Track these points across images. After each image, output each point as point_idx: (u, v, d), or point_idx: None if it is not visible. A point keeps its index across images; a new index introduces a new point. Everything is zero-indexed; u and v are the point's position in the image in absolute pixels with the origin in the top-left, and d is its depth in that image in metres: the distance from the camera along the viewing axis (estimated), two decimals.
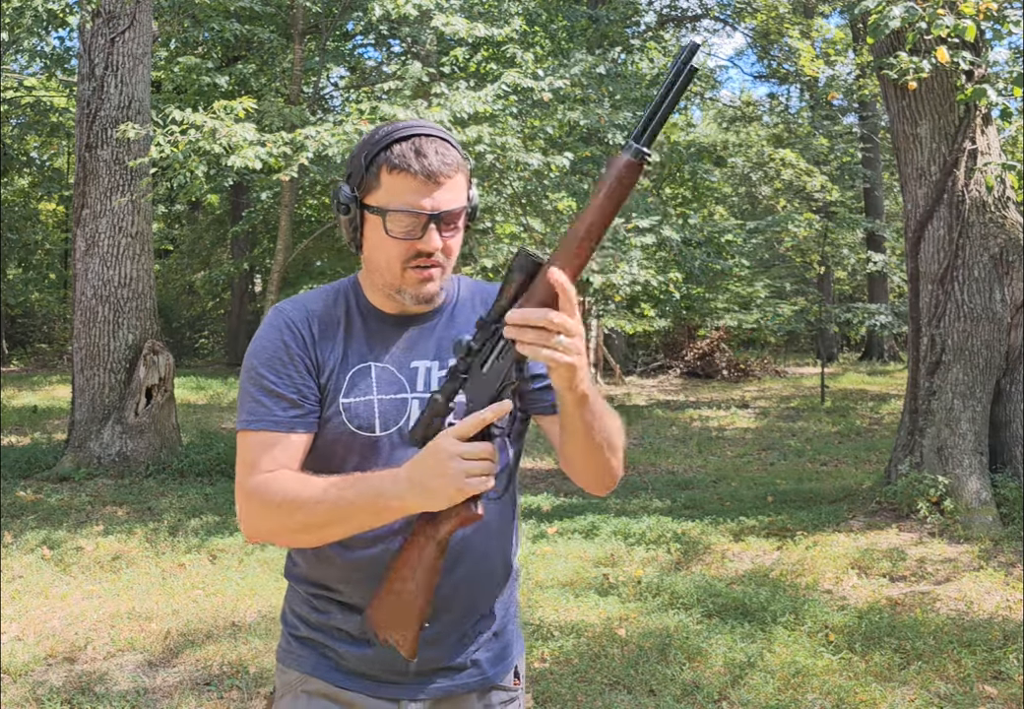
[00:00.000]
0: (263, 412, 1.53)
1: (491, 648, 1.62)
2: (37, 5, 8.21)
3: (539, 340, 1.29)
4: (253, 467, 1.51)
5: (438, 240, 1.49)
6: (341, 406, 1.54)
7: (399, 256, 1.50)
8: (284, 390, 1.52)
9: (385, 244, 1.50)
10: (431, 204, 1.47)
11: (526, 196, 10.11)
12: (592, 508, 6.85)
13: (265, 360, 1.55)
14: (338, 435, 1.54)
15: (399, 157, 1.47)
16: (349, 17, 11.46)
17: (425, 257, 1.50)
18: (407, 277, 1.52)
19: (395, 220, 1.48)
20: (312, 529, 1.46)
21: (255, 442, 1.53)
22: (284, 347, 1.54)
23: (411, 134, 1.49)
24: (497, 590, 1.63)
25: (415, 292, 1.53)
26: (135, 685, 3.83)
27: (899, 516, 6.05)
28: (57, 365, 20.92)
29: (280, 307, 1.60)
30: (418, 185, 1.46)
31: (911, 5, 5.47)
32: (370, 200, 1.50)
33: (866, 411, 13.16)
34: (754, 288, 17.27)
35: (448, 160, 1.48)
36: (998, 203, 6.23)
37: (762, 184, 20.05)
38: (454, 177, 1.49)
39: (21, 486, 7.72)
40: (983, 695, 3.62)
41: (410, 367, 1.57)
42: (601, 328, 17.22)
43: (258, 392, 1.53)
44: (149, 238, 8.92)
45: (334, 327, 1.58)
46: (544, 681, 3.77)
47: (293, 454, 1.52)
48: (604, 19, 13.95)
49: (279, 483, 1.48)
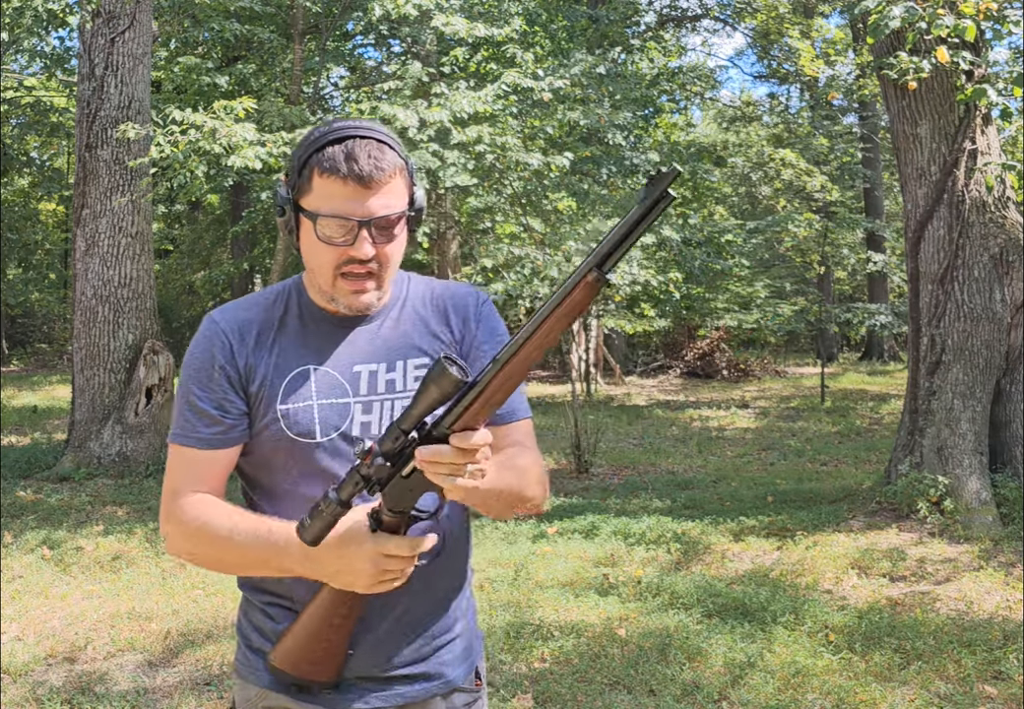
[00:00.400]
0: (188, 428, 1.52)
1: (452, 651, 1.59)
2: (37, 5, 8.21)
3: (451, 472, 1.27)
4: (175, 483, 1.52)
5: (369, 248, 1.44)
6: (279, 413, 1.49)
7: (330, 262, 1.46)
8: (207, 405, 1.50)
9: (317, 249, 1.46)
10: (362, 210, 1.42)
11: (526, 196, 10.11)
12: (592, 508, 6.85)
13: (192, 373, 1.53)
14: (277, 442, 1.50)
15: (330, 160, 1.41)
16: (349, 17, 11.46)
17: (357, 264, 1.45)
18: (339, 287, 1.48)
19: (326, 225, 1.43)
20: (224, 567, 1.53)
21: (179, 457, 1.53)
22: (211, 359, 1.51)
23: (345, 136, 1.43)
24: (454, 594, 1.61)
25: (347, 302, 1.49)
26: (135, 685, 3.83)
27: (899, 516, 6.05)
28: (57, 365, 20.92)
29: (211, 316, 1.57)
30: (349, 191, 1.41)
31: (911, 5, 5.47)
32: (304, 203, 1.46)
33: (866, 411, 13.16)
34: (754, 288, 17.27)
35: (383, 165, 1.42)
36: (998, 203, 6.23)
37: (762, 184, 20.05)
38: (389, 182, 1.44)
39: (21, 486, 7.72)
40: (983, 695, 3.62)
41: (352, 371, 1.52)
42: (601, 328, 17.22)
43: (185, 406, 1.53)
44: (149, 238, 8.92)
45: (269, 332, 1.53)
46: (544, 681, 3.77)
47: (216, 471, 1.52)
48: (604, 19, 13.95)
49: (197, 512, 1.48)
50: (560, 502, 7.19)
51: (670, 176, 1.18)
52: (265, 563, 1.45)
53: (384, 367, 1.54)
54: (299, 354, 1.52)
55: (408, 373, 1.54)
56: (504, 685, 3.74)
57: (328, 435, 1.50)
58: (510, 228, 13.27)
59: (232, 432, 1.51)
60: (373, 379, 1.53)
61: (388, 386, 1.53)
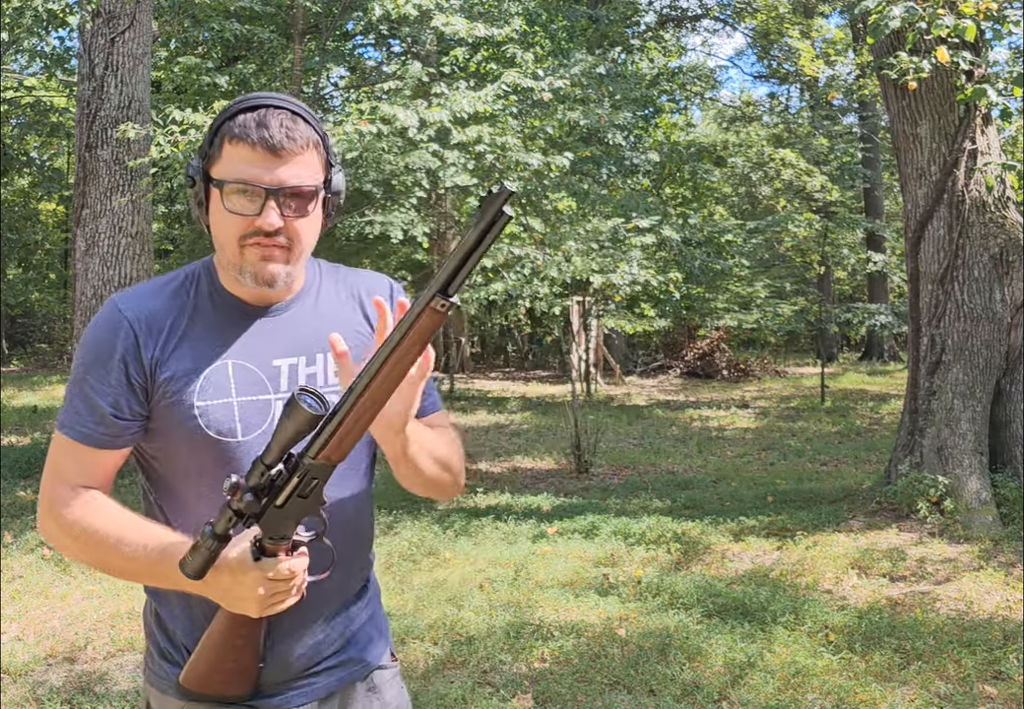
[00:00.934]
0: (76, 420, 1.43)
1: (368, 633, 1.58)
2: (37, 5, 8.21)
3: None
4: (57, 474, 1.45)
5: (275, 218, 1.37)
6: (196, 410, 1.42)
7: (236, 233, 1.40)
8: (101, 400, 1.42)
9: (223, 219, 1.40)
10: (269, 178, 1.36)
11: (526, 196, 10.11)
12: (592, 508, 6.85)
13: (91, 361, 1.44)
14: (194, 441, 1.43)
15: (240, 126, 1.37)
16: (349, 17, 11.46)
17: (263, 236, 1.39)
18: (246, 255, 1.40)
19: (231, 192, 1.38)
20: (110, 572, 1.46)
21: (63, 447, 1.45)
22: (110, 350, 1.43)
23: (258, 105, 1.39)
24: (362, 581, 1.59)
25: (255, 271, 1.41)
26: (135, 685, 3.83)
27: (899, 516, 6.05)
28: (57, 365, 20.92)
29: (116, 301, 1.47)
30: (257, 157, 1.36)
31: (911, 5, 5.47)
32: (213, 172, 1.41)
33: (866, 411, 13.16)
34: (754, 288, 17.27)
35: (294, 135, 1.37)
36: (998, 203, 6.23)
37: (762, 184, 20.05)
38: (301, 154, 1.38)
39: (21, 486, 7.72)
40: (983, 695, 3.62)
41: (272, 365, 1.47)
42: (601, 328, 17.22)
43: (78, 396, 1.44)
44: (149, 238, 8.92)
45: (180, 322, 1.45)
46: (544, 681, 3.78)
47: (101, 470, 1.45)
48: (604, 19, 13.95)
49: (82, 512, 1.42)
50: (560, 502, 7.19)
51: (503, 195, 1.15)
52: (154, 577, 1.41)
53: (304, 361, 1.49)
54: (215, 347, 1.45)
55: (329, 367, 1.50)
56: (504, 685, 3.75)
57: (249, 434, 1.44)
58: (510, 228, 13.27)
59: (124, 435, 1.44)
60: (294, 374, 1.48)
61: (309, 381, 1.48)
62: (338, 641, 1.54)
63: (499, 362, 22.12)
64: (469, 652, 4.07)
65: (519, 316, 18.33)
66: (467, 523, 6.38)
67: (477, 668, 3.93)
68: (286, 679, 1.50)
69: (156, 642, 1.55)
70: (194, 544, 1.32)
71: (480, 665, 3.96)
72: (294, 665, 1.50)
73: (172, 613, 1.52)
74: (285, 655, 1.49)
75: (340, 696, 1.56)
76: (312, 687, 1.52)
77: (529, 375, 19.70)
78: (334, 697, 1.55)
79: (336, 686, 1.54)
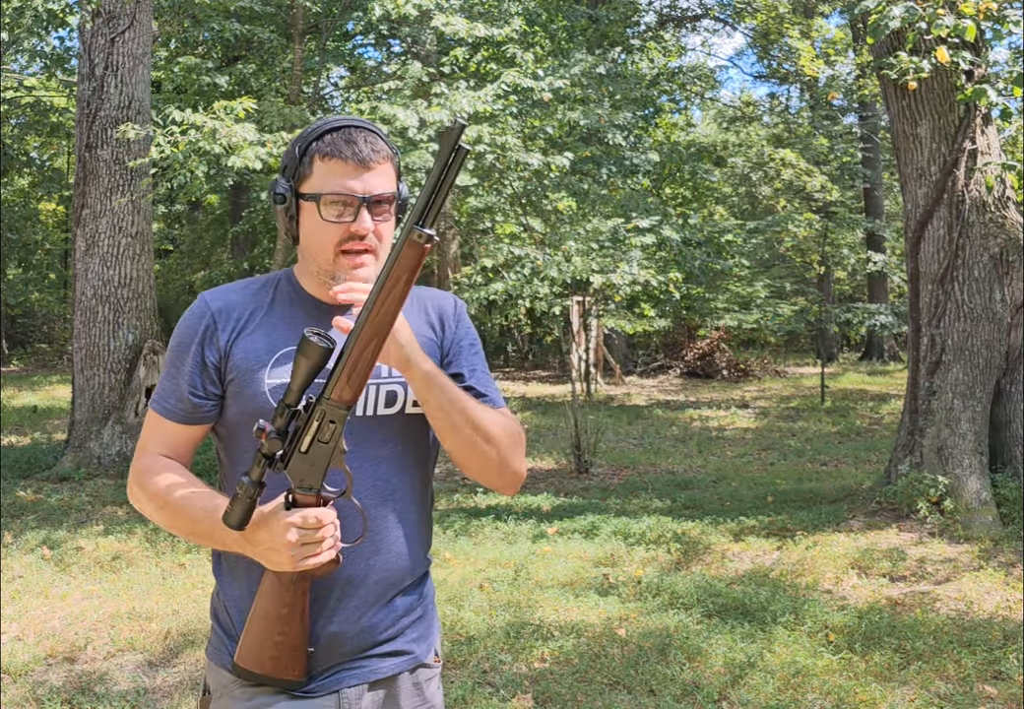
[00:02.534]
0: (163, 397, 1.63)
1: (417, 629, 1.68)
2: (37, 5, 8.21)
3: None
4: (145, 446, 1.65)
5: (370, 221, 1.55)
6: (266, 385, 1.57)
7: (333, 239, 1.56)
8: (182, 379, 1.61)
9: (320, 229, 1.56)
10: (362, 187, 1.55)
11: (526, 196, 10.11)
12: (592, 508, 6.85)
13: (176, 345, 1.63)
14: (262, 414, 1.56)
15: (330, 145, 1.55)
16: (349, 17, 11.46)
17: (358, 240, 1.56)
18: (340, 263, 1.57)
19: (328, 203, 1.55)
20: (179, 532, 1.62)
21: (152, 421, 1.65)
22: (191, 336, 1.61)
23: (341, 125, 1.57)
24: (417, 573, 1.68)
25: (348, 278, 1.57)
26: (135, 685, 3.83)
27: (899, 516, 6.05)
28: (57, 365, 20.93)
29: (203, 296, 1.67)
30: (349, 170, 1.54)
31: (911, 5, 5.47)
32: (304, 188, 1.58)
33: (866, 411, 13.16)
34: (754, 288, 17.27)
35: (377, 147, 1.56)
36: (998, 203, 6.23)
37: (762, 184, 20.06)
38: (383, 164, 1.57)
39: (21, 486, 7.72)
40: (983, 695, 3.62)
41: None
42: (601, 328, 17.22)
43: (166, 376, 1.64)
44: (149, 238, 8.92)
45: (258, 313, 1.63)
46: (544, 681, 3.78)
47: (181, 442, 1.64)
48: (604, 19, 13.95)
49: (161, 477, 1.59)
50: (560, 502, 7.19)
51: (456, 130, 1.33)
52: (209, 537, 1.55)
53: None
54: (288, 333, 1.61)
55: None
56: (504, 685, 3.75)
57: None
58: (510, 228, 13.28)
59: (198, 413, 1.62)
60: None
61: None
62: (390, 629, 1.63)
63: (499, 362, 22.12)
64: (469, 652, 4.07)
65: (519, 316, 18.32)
66: (467, 523, 6.38)
67: (477, 668, 3.93)
68: (340, 660, 1.60)
69: (217, 620, 1.70)
70: (234, 496, 1.46)
71: (480, 665, 3.96)
72: (346, 646, 1.60)
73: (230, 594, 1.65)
74: (336, 637, 1.59)
75: (388, 685, 1.65)
76: (363, 670, 1.61)
77: (529, 375, 19.70)
78: (382, 684, 1.64)
79: (387, 672, 1.64)
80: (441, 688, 1.75)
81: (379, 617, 1.62)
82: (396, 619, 1.64)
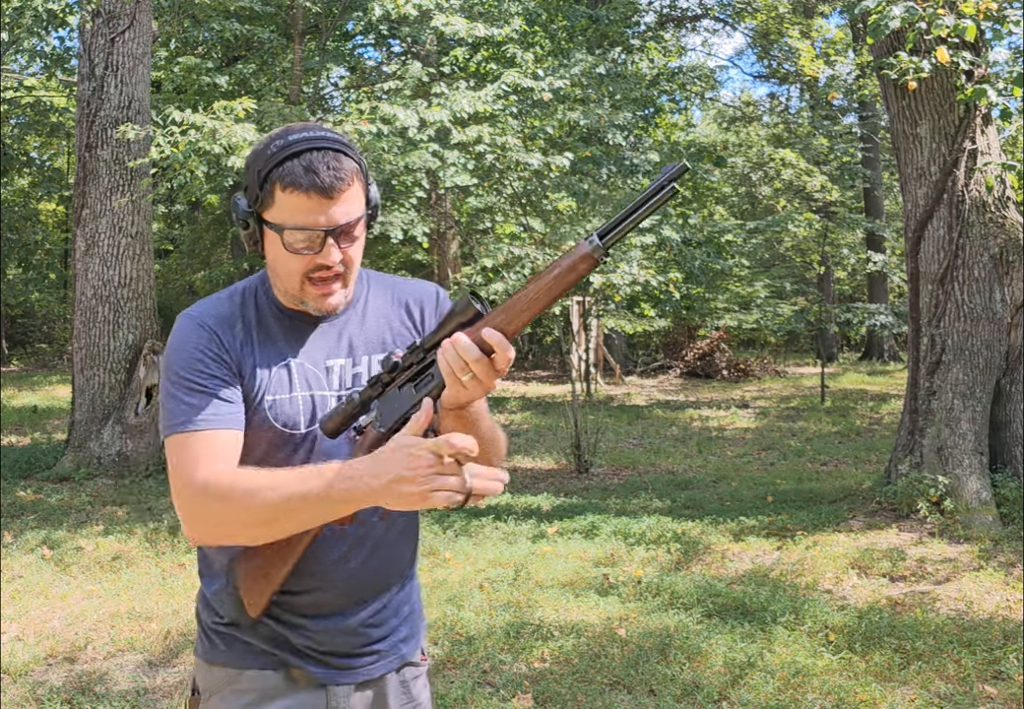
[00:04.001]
0: (193, 413, 1.49)
1: (406, 628, 1.70)
2: (37, 5, 8.22)
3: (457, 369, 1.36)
4: (196, 465, 1.47)
5: (337, 254, 1.50)
6: (266, 404, 1.55)
7: (299, 270, 1.52)
8: (214, 389, 1.51)
9: (284, 258, 1.52)
10: (326, 220, 1.48)
11: (526, 196, 10.11)
12: (592, 508, 6.85)
13: (186, 365, 1.52)
14: (263, 433, 1.55)
15: (291, 175, 1.45)
16: (349, 17, 11.46)
17: (324, 269, 1.52)
18: (307, 291, 1.54)
19: (292, 237, 1.49)
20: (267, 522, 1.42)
21: (193, 442, 1.49)
22: (203, 350, 1.53)
23: (301, 150, 1.46)
24: (408, 572, 1.70)
25: (316, 305, 1.56)
26: (135, 685, 3.83)
27: (899, 516, 6.05)
28: (57, 365, 20.93)
29: (189, 314, 1.58)
30: (312, 203, 1.46)
31: (911, 5, 5.47)
32: (267, 216, 1.50)
33: (866, 411, 13.16)
34: (754, 288, 17.27)
35: (341, 174, 1.47)
36: (998, 203, 6.23)
37: (762, 184, 20.05)
38: (348, 189, 1.49)
39: (21, 486, 7.72)
40: (983, 695, 3.62)
41: (325, 365, 1.61)
42: (601, 328, 17.22)
43: (187, 395, 1.51)
44: (149, 238, 8.92)
45: (247, 328, 1.58)
46: (544, 681, 3.78)
47: (233, 451, 1.50)
48: (604, 19, 13.94)
49: (230, 477, 1.45)
50: (560, 502, 7.19)
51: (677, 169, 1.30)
52: (305, 497, 1.37)
53: (350, 362, 1.63)
54: (279, 348, 1.59)
55: (372, 368, 1.63)
56: (504, 685, 3.75)
57: (311, 426, 1.57)
58: (510, 228, 13.28)
59: (239, 415, 1.53)
60: (343, 373, 1.62)
61: (354, 380, 1.61)
62: (381, 628, 1.65)
63: None
64: (469, 652, 4.07)
65: None
66: (467, 523, 6.38)
67: (477, 668, 3.93)
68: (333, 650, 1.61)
69: (201, 620, 1.68)
70: (335, 408, 1.48)
71: (480, 665, 3.96)
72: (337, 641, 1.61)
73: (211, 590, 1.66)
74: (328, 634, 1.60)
75: (376, 685, 1.66)
76: (353, 671, 1.63)
77: (529, 375, 19.70)
78: (371, 684, 1.66)
79: (375, 673, 1.65)
80: (428, 686, 1.77)
81: (372, 614, 1.63)
82: (386, 618, 1.66)
